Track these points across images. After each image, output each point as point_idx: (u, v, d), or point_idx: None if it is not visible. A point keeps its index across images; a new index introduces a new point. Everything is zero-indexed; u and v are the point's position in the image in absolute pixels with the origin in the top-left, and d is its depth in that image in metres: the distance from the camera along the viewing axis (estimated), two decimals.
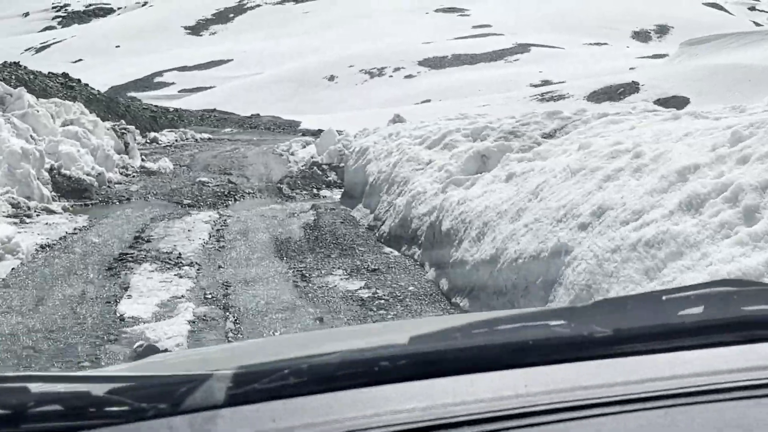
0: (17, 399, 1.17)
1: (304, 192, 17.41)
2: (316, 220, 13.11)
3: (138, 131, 26.65)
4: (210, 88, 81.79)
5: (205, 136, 32.18)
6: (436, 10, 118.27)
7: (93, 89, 34.38)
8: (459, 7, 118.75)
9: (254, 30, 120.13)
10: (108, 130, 20.80)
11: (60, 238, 11.06)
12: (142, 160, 21.01)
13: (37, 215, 13.01)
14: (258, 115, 50.15)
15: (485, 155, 10.77)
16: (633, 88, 35.44)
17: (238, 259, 9.98)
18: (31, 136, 15.79)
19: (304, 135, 33.12)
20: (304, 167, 19.98)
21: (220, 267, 9.42)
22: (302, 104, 65.52)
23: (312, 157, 20.66)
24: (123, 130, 22.15)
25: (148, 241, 11.02)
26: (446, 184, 10.38)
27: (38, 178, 14.14)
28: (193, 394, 1.23)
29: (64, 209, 13.92)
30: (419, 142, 13.67)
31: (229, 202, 15.75)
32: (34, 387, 1.21)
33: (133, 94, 77.38)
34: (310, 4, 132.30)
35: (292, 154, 24.03)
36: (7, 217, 12.24)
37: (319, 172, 19.06)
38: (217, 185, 17.69)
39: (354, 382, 1.29)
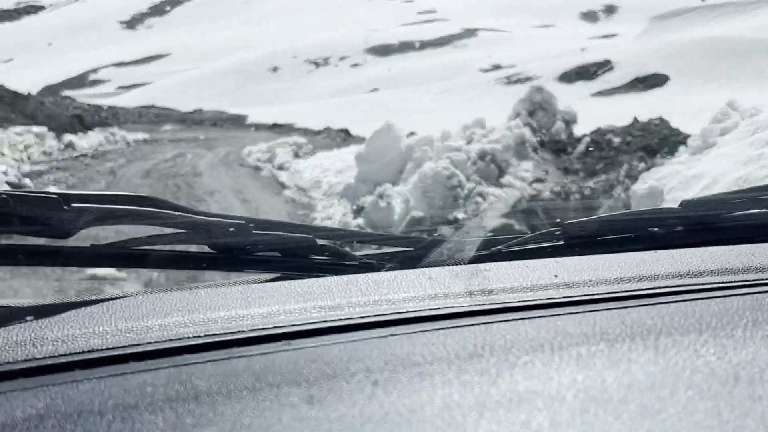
0: (240, 238, 1.16)
1: None
2: None
3: (54, 134, 23.10)
4: (148, 83, 78.64)
5: (140, 136, 27.89)
6: None
7: None
8: None
9: (192, 22, 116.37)
10: None
11: None
12: None
13: None
14: (201, 110, 47.40)
15: None
16: (607, 66, 33.45)
17: None
18: None
19: (257, 130, 30.16)
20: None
21: None
22: (245, 97, 62.83)
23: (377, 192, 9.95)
24: None
25: None
26: None
27: None
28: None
29: None
30: None
31: None
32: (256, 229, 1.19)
33: (68, 92, 74.20)
34: None
35: (283, 168, 14.80)
36: None
37: None
38: None
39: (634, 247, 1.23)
